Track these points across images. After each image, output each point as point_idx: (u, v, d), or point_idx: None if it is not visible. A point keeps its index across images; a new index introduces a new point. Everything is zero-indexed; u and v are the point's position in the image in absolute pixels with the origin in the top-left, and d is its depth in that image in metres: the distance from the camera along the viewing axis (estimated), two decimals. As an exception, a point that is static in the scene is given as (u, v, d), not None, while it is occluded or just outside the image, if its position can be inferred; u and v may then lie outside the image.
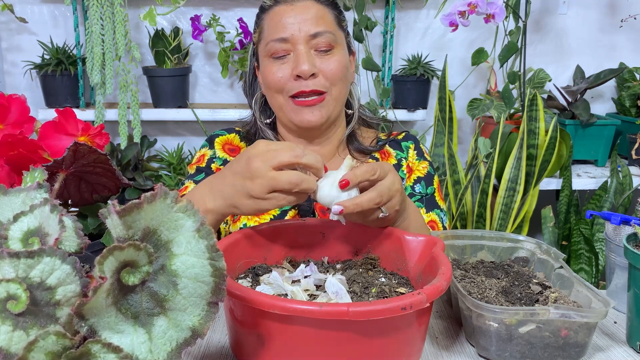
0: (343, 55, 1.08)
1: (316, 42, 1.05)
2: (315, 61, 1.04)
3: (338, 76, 1.06)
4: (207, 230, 0.51)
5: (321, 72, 1.05)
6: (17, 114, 0.86)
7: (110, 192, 0.87)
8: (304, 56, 1.03)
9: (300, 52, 1.04)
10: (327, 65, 1.05)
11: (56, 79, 1.92)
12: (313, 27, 1.04)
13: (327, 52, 1.06)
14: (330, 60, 1.05)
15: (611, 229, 0.93)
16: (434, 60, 2.09)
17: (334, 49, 1.06)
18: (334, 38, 1.06)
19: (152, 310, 0.50)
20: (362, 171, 0.77)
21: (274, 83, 1.06)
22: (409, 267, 0.81)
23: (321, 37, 1.05)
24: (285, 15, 1.05)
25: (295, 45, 1.04)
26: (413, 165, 1.17)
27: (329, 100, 1.07)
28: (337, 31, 1.09)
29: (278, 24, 1.06)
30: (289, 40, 1.04)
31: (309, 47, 1.05)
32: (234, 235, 0.81)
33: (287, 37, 1.04)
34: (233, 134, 1.20)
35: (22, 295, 0.46)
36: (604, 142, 2.09)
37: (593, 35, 2.25)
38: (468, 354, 0.79)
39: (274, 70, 1.06)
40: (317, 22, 1.05)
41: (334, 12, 1.10)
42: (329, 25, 1.07)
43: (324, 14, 1.07)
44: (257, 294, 0.61)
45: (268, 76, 1.07)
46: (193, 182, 1.11)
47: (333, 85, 1.06)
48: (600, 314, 0.72)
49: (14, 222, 0.53)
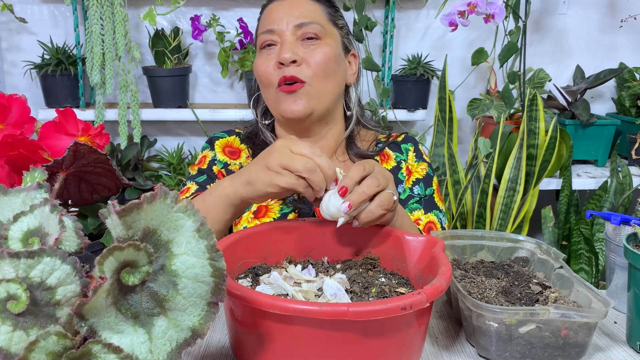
0: (332, 49, 1.07)
1: (302, 31, 1.06)
2: (299, 50, 1.05)
3: (321, 67, 1.05)
4: (207, 230, 0.51)
5: (304, 60, 1.05)
6: (17, 114, 0.86)
7: (110, 192, 0.87)
8: (286, 44, 1.05)
9: (285, 41, 1.05)
10: (311, 55, 1.05)
11: (56, 79, 1.92)
12: (300, 18, 1.06)
13: (313, 42, 1.06)
14: (315, 51, 1.05)
15: (611, 229, 0.93)
16: (434, 60, 2.09)
17: (320, 39, 1.07)
18: (321, 29, 1.07)
19: (152, 310, 0.50)
20: (353, 172, 0.79)
21: (263, 74, 1.07)
22: (409, 267, 0.81)
23: (307, 27, 1.06)
24: (276, 9, 1.09)
25: (282, 37, 1.06)
26: (412, 167, 1.17)
27: (310, 92, 1.05)
28: (328, 25, 1.09)
29: (268, 18, 1.09)
30: (275, 31, 1.06)
31: (294, 37, 1.06)
32: (234, 235, 0.81)
33: (274, 29, 1.06)
34: (233, 136, 1.20)
35: (22, 295, 0.46)
36: (604, 142, 2.08)
37: (593, 35, 2.25)
38: (468, 354, 0.79)
39: (262, 61, 1.07)
40: (305, 14, 1.07)
41: (327, 8, 1.11)
42: (317, 18, 1.08)
43: (314, 9, 1.09)
44: (257, 294, 0.61)
45: (258, 68, 1.08)
46: (195, 183, 1.11)
47: (315, 75, 1.05)
48: (600, 314, 0.72)
49: (14, 222, 0.53)
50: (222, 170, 1.14)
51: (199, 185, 1.10)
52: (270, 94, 1.08)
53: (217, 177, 1.13)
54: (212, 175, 1.13)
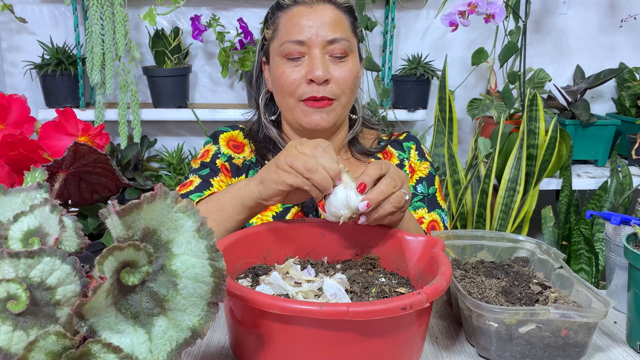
0: (355, 63, 1.09)
1: (332, 48, 1.05)
2: (329, 67, 1.05)
3: (349, 85, 1.07)
4: (207, 230, 0.51)
5: (333, 79, 1.05)
6: (17, 114, 0.86)
7: (110, 192, 0.87)
8: (318, 61, 1.04)
9: (316, 57, 1.04)
10: (340, 73, 1.06)
11: (56, 79, 1.92)
12: (331, 32, 1.05)
13: (341, 59, 1.06)
14: (343, 68, 1.06)
15: (611, 229, 0.93)
16: (434, 60, 2.09)
17: (347, 56, 1.07)
18: (349, 45, 1.07)
19: (152, 310, 0.50)
20: (372, 170, 0.80)
21: (287, 85, 1.06)
22: (409, 267, 0.81)
23: (337, 44, 1.05)
24: (303, 17, 1.05)
25: (311, 49, 1.05)
26: (415, 165, 1.18)
27: (337, 107, 1.07)
28: (352, 38, 1.09)
29: (296, 25, 1.05)
30: (305, 43, 1.05)
31: (324, 52, 1.05)
32: (234, 235, 0.81)
33: (304, 40, 1.04)
34: (237, 130, 1.20)
35: (22, 295, 0.46)
36: (604, 142, 2.08)
37: (593, 35, 2.25)
38: (468, 354, 0.79)
39: (288, 72, 1.06)
40: (335, 27, 1.05)
41: (350, 18, 1.10)
42: (345, 32, 1.07)
43: (342, 20, 1.08)
44: (257, 294, 0.61)
45: (281, 77, 1.07)
46: (197, 176, 1.11)
47: (343, 93, 1.07)
48: (600, 314, 0.72)
49: (14, 222, 0.53)
50: (225, 164, 1.14)
51: (202, 178, 1.10)
52: (291, 103, 1.08)
53: (220, 170, 1.12)
54: (215, 168, 1.12)
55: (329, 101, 1.06)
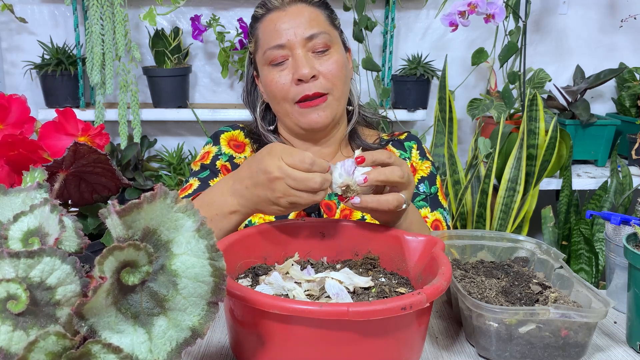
0: (340, 54, 1.10)
1: (313, 44, 1.06)
2: (314, 63, 1.06)
3: (337, 76, 1.07)
4: (207, 230, 0.51)
5: (321, 73, 1.06)
6: (17, 114, 0.86)
7: (110, 192, 0.87)
8: (302, 60, 1.04)
9: (298, 56, 1.05)
10: (326, 67, 1.06)
11: (56, 79, 1.92)
12: (308, 29, 1.06)
13: (325, 53, 1.07)
14: (328, 61, 1.07)
15: (611, 229, 0.93)
16: (434, 60, 2.09)
17: (330, 48, 1.08)
18: (329, 38, 1.08)
19: (152, 310, 0.50)
20: (378, 154, 0.80)
21: (278, 90, 1.07)
22: (409, 267, 0.81)
23: (317, 39, 1.06)
24: (279, 21, 1.07)
25: (293, 50, 1.06)
26: (417, 165, 1.18)
27: (332, 101, 1.08)
28: (332, 30, 1.10)
29: (273, 31, 1.07)
30: (286, 45, 1.06)
31: (306, 50, 1.06)
32: (234, 235, 0.81)
33: (284, 43, 1.06)
34: (238, 130, 1.21)
35: (22, 295, 0.46)
36: (604, 142, 2.08)
37: (593, 35, 2.25)
38: (468, 354, 0.79)
39: (276, 78, 1.07)
40: (311, 23, 1.06)
41: (325, 12, 1.11)
42: (322, 25, 1.08)
43: (317, 15, 1.09)
44: (257, 294, 0.61)
45: (270, 85, 1.08)
46: (197, 179, 1.11)
47: (334, 85, 1.07)
48: (600, 314, 0.72)
49: (14, 222, 0.53)
50: (226, 164, 1.14)
51: (201, 181, 1.10)
52: (286, 108, 1.09)
53: (220, 172, 1.13)
54: (215, 170, 1.13)
55: (322, 97, 1.06)
